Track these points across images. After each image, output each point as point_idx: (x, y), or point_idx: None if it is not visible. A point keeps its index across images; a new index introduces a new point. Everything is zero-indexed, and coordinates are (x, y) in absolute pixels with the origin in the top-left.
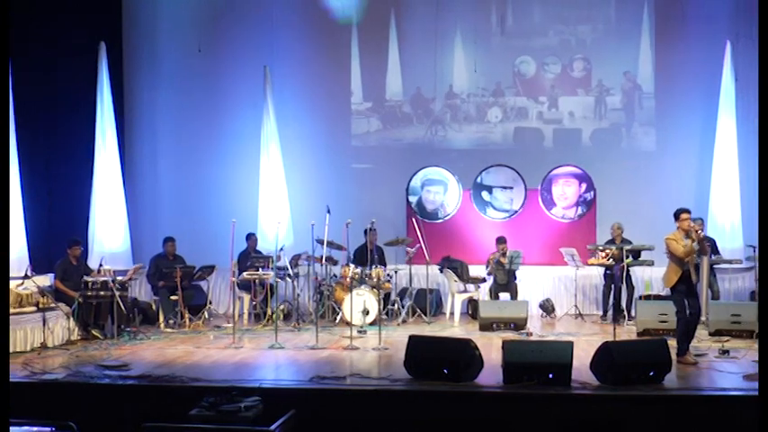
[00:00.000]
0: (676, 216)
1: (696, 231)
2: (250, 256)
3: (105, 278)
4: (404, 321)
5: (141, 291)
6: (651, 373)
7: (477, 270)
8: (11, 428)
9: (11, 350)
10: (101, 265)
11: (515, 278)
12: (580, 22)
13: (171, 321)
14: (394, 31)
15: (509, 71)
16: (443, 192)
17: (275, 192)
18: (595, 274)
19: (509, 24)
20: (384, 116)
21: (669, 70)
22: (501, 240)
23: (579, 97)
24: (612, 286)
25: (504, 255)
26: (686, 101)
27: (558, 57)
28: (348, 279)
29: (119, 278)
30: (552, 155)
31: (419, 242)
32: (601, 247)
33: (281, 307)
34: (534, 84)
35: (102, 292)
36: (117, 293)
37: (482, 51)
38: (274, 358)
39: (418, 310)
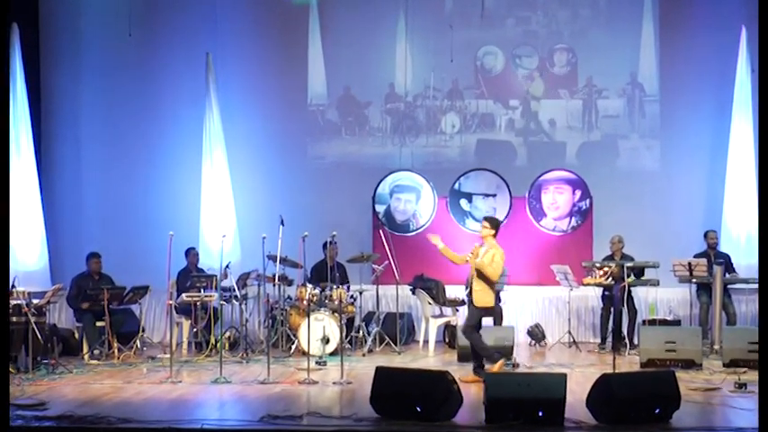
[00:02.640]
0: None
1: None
2: (190, 275)
3: (18, 301)
4: (370, 351)
5: (61, 316)
6: (656, 410)
7: (455, 291)
8: None
9: None
10: (13, 286)
11: (499, 300)
12: (563, 2)
13: (96, 352)
14: (315, 18)
15: (469, 66)
16: (416, 200)
17: (220, 200)
18: (592, 295)
19: (469, 6)
20: (340, 115)
21: (676, 65)
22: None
23: (562, 101)
24: (612, 309)
25: None
26: (695, 101)
27: (533, 47)
28: (305, 302)
29: (35, 301)
30: (527, 172)
31: (387, 258)
32: (598, 265)
33: (227, 334)
34: (503, 83)
35: (14, 318)
36: (32, 319)
37: (433, 40)
38: (218, 395)
39: (387, 338)
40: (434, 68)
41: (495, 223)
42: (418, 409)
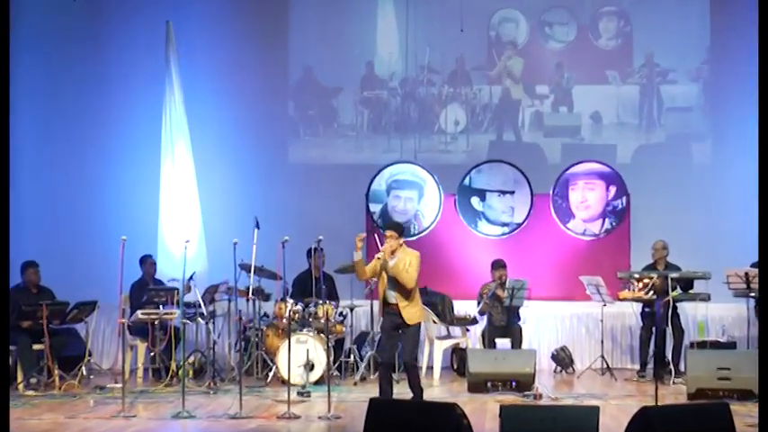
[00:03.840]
0: None
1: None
2: (146, 288)
3: None
4: (363, 379)
5: None
6: None
7: (464, 307)
8: None
9: None
10: None
11: (518, 318)
12: None
13: (33, 380)
14: None
15: (480, 38)
16: (418, 198)
17: (182, 198)
18: (629, 312)
19: None
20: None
21: (727, 44)
22: (499, 265)
23: (611, 87)
24: (653, 329)
25: (502, 285)
26: (751, 87)
27: (569, 12)
28: (285, 320)
29: None
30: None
31: None
32: (637, 276)
33: (191, 359)
34: (527, 61)
35: None
36: None
37: (429, 1)
38: None
39: None
40: (430, 41)
41: (400, 229)
42: None
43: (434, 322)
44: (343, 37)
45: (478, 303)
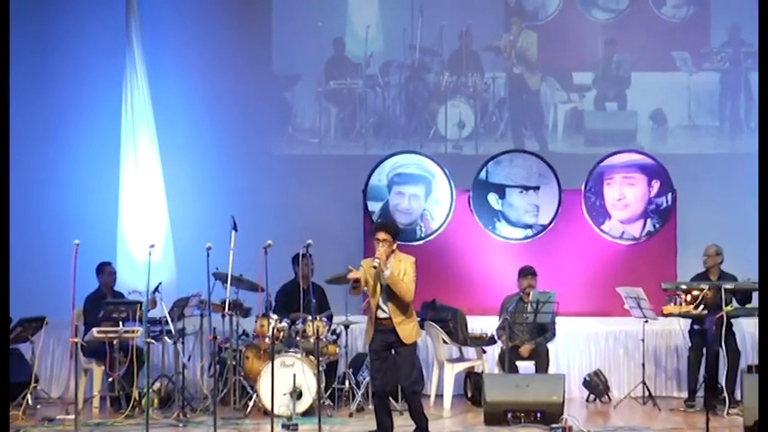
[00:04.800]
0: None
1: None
2: (104, 302)
3: None
4: (360, 409)
5: None
6: None
7: (479, 323)
8: None
9: None
10: None
11: (544, 337)
12: None
13: None
14: None
15: (494, 7)
16: (425, 194)
17: (146, 196)
18: (676, 330)
19: None
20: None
21: None
22: (527, 272)
23: (679, 74)
24: (704, 351)
25: (526, 297)
26: None
27: None
28: (267, 339)
29: None
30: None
31: None
32: (685, 287)
33: (157, 386)
34: (559, 39)
35: None
36: None
37: None
38: None
39: None
40: (424, 10)
41: (394, 230)
42: None
43: (444, 342)
44: (306, 4)
45: (500, 318)
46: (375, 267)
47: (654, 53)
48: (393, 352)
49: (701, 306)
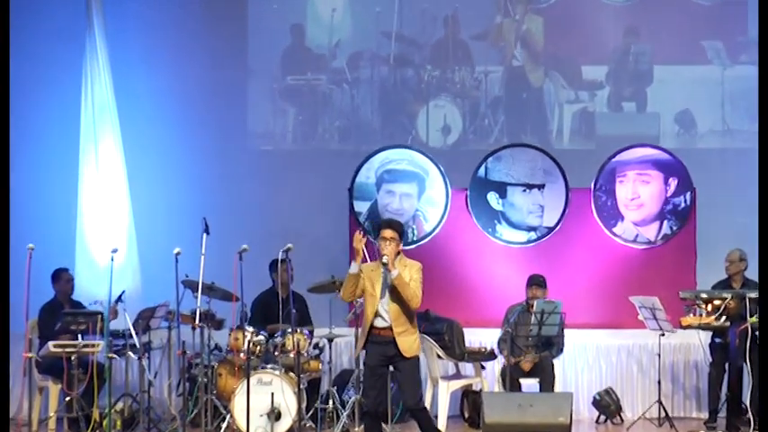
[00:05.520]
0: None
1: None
2: (61, 313)
3: None
4: (345, 431)
5: None
6: None
7: (478, 336)
8: None
9: None
10: None
11: (553, 350)
12: None
13: None
14: None
15: None
16: (417, 193)
17: (108, 195)
18: (695, 344)
19: None
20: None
21: None
22: (534, 282)
23: (712, 68)
24: (727, 366)
25: (531, 307)
26: None
27: None
28: (242, 354)
29: None
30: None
31: None
32: (705, 296)
33: (119, 406)
34: (568, 26)
35: None
36: None
37: None
38: None
39: None
40: None
41: (402, 228)
42: None
43: (439, 357)
44: None
45: (504, 327)
46: (384, 264)
47: (681, 43)
48: (392, 368)
49: (724, 317)
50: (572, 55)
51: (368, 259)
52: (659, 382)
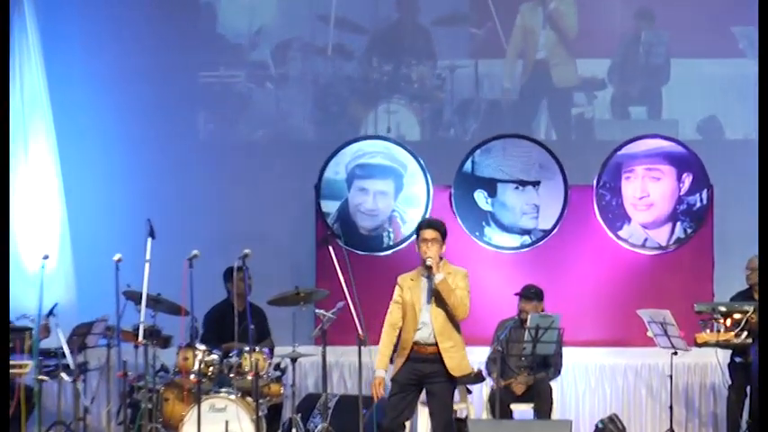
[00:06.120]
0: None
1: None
2: None
3: None
4: None
5: None
6: None
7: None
8: None
9: None
10: None
11: (550, 371)
12: None
13: None
14: None
15: None
16: (394, 191)
17: (38, 194)
18: (712, 363)
19: None
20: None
21: None
22: (528, 295)
23: (744, 62)
24: (748, 389)
25: (523, 323)
26: None
27: None
28: (192, 376)
29: None
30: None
31: (343, 298)
32: (724, 309)
33: None
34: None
35: None
36: None
37: None
38: None
39: None
40: None
41: (444, 228)
42: None
43: None
44: None
45: (496, 344)
46: (428, 267)
47: (705, 30)
48: (423, 390)
49: (745, 333)
50: (564, 45)
51: (336, 264)
52: (671, 408)
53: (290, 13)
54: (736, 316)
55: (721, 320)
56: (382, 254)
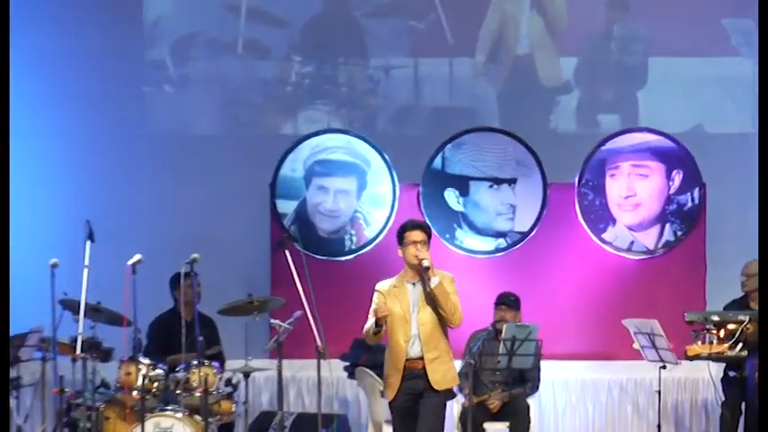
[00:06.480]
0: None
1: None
2: None
3: None
4: None
5: None
6: None
7: None
8: None
9: None
10: None
11: (527, 386)
12: None
13: None
14: None
15: None
16: (357, 190)
17: None
18: (704, 378)
19: None
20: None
21: None
22: (505, 302)
23: (739, 61)
24: (743, 407)
25: (498, 334)
26: None
27: None
28: (136, 392)
29: None
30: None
31: (301, 307)
32: (717, 318)
33: None
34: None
35: None
36: None
37: None
38: None
39: None
40: None
41: (430, 230)
42: None
43: (383, 395)
44: None
45: (468, 357)
46: (426, 269)
47: (690, 23)
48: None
49: (740, 345)
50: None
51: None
52: (659, 427)
53: (192, 3)
54: (731, 326)
55: (714, 331)
56: (344, 258)
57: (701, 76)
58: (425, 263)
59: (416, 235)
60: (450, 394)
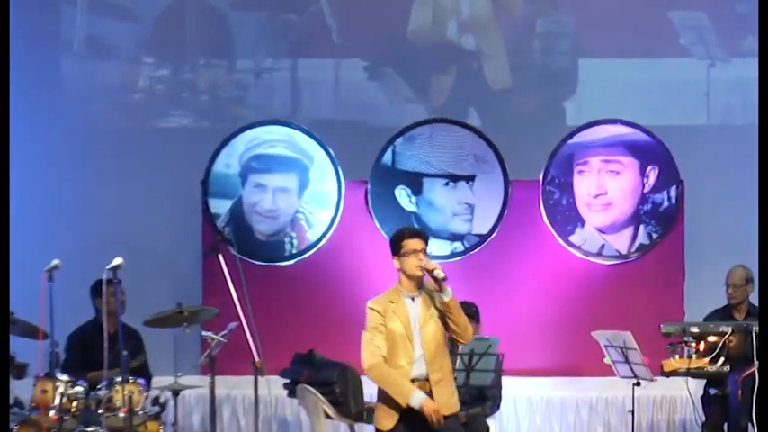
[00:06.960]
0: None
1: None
2: None
3: None
4: None
5: None
6: None
7: None
8: None
9: None
10: None
11: (487, 405)
12: None
13: None
14: None
15: None
16: (298, 188)
17: None
18: (682, 396)
19: None
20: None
21: None
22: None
23: (687, 64)
24: (725, 427)
25: (455, 348)
26: None
27: None
28: (53, 413)
29: None
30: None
31: (237, 319)
32: (696, 330)
33: None
34: None
35: None
36: None
37: None
38: None
39: None
40: None
41: (428, 237)
42: None
43: (328, 416)
44: None
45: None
46: (438, 279)
47: (630, 18)
48: None
49: (722, 359)
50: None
51: (228, 280)
52: None
53: None
54: (711, 339)
55: (693, 344)
56: (284, 264)
57: (644, 80)
58: (440, 273)
59: (416, 243)
60: (456, 421)
